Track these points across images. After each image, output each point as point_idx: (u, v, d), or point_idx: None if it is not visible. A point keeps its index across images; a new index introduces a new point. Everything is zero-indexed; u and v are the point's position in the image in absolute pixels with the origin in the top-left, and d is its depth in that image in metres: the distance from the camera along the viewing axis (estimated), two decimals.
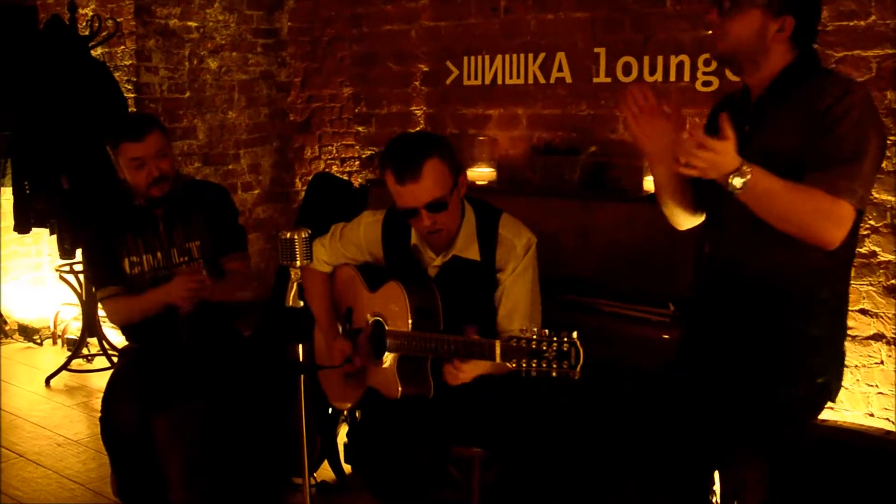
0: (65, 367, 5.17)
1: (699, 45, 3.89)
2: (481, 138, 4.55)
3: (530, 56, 4.47)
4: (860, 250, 3.51)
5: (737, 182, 2.03)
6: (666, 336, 3.22)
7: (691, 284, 2.49)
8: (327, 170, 5.60)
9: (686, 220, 2.51)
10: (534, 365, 2.17)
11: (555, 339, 2.16)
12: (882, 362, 3.49)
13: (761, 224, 2.11)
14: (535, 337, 2.18)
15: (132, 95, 5.25)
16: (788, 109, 2.18)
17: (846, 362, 2.25)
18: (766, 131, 2.20)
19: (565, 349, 2.14)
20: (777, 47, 2.19)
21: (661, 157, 2.31)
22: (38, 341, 5.89)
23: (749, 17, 2.17)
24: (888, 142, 3.46)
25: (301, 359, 2.47)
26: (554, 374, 2.15)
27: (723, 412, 2.30)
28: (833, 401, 2.32)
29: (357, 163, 5.42)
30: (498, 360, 2.27)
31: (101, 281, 3.31)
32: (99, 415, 3.16)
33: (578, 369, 2.14)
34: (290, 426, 3.14)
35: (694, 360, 2.44)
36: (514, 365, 2.21)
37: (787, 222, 2.07)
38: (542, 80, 4.44)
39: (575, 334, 2.15)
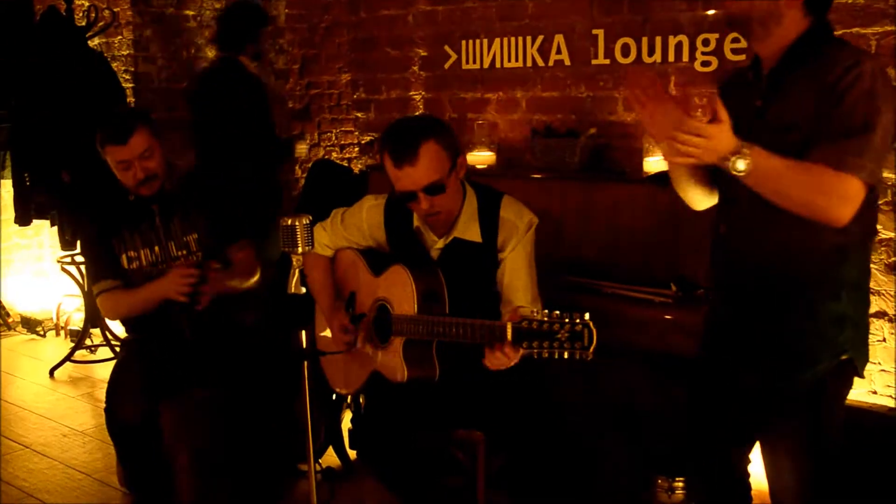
0: (68, 358, 5.19)
1: (698, 25, 3.87)
2: (480, 122, 4.53)
3: (528, 39, 4.44)
4: None
5: (739, 164, 1.99)
6: (668, 317, 3.22)
7: (709, 268, 2.45)
8: (327, 156, 5.59)
9: (702, 200, 2.46)
10: (545, 346, 2.13)
11: (567, 320, 2.12)
12: (884, 339, 3.48)
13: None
14: (546, 319, 2.14)
15: (130, 86, 5.24)
16: (802, 80, 2.11)
17: None
18: (779, 103, 2.14)
19: (578, 330, 2.10)
20: (790, 14, 2.12)
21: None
22: (42, 333, 5.91)
23: None
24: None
25: (304, 345, 2.47)
26: (566, 356, 2.12)
27: (750, 396, 2.29)
28: (861, 376, 2.27)
29: (356, 149, 5.41)
30: (509, 341, 2.25)
31: (97, 276, 3.28)
32: (104, 405, 3.17)
33: (591, 350, 2.10)
34: (294, 413, 3.15)
35: (718, 344, 2.40)
36: (525, 347, 2.18)
37: (791, 201, 2.02)
38: (540, 63, 4.42)
39: (587, 315, 2.11)
